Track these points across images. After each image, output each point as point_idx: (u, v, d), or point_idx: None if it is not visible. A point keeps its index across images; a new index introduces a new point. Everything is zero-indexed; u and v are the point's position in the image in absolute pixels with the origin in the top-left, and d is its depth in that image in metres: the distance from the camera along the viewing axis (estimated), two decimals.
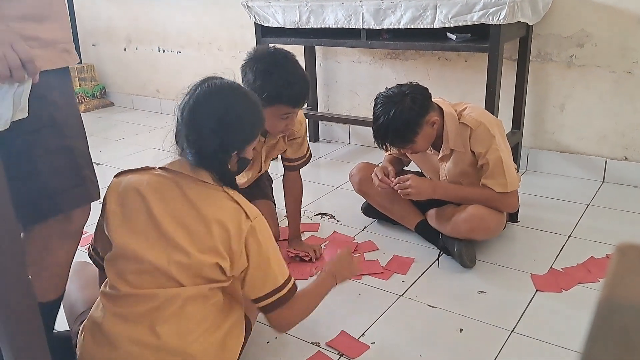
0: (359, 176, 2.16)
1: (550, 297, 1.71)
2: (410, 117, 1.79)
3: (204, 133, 1.19)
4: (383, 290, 1.78)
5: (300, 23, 2.71)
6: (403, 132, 1.80)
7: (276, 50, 1.75)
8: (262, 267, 1.22)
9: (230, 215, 1.19)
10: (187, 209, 1.19)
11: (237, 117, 1.21)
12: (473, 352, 1.48)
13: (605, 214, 2.26)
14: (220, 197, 1.22)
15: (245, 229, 1.19)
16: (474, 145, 1.87)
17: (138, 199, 1.21)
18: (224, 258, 1.18)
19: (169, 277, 1.18)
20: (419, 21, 2.39)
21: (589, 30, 2.46)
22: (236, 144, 1.23)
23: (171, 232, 1.17)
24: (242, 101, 1.24)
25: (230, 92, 1.23)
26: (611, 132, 2.55)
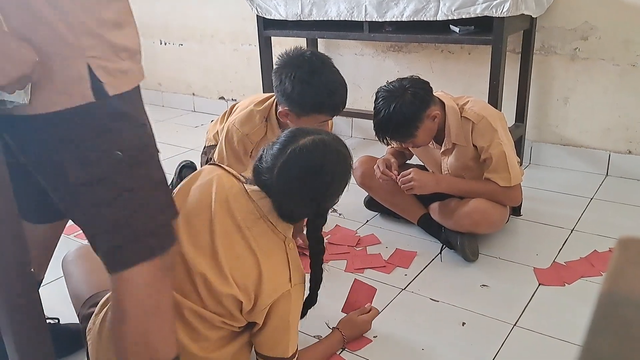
0: (361, 169, 2.15)
1: (553, 290, 1.70)
2: (411, 112, 1.78)
3: (301, 202, 1.19)
4: (385, 283, 1.78)
5: (303, 15, 2.69)
6: (404, 126, 1.79)
7: (313, 54, 1.68)
8: (279, 331, 1.21)
9: (277, 269, 1.18)
10: (243, 242, 1.17)
11: (332, 179, 1.19)
12: (475, 345, 1.48)
13: (608, 208, 2.26)
14: (279, 248, 1.20)
15: (281, 290, 1.17)
16: (476, 139, 1.86)
17: (212, 202, 1.20)
18: (249, 299, 1.17)
19: (194, 289, 1.17)
20: (422, 13, 2.37)
21: (593, 23, 2.45)
22: (332, 202, 1.24)
23: (220, 249, 1.16)
24: (335, 162, 1.19)
25: (325, 153, 1.18)
26: (615, 125, 2.54)
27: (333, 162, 1.18)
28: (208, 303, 1.17)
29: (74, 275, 1.45)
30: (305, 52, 1.69)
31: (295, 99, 1.57)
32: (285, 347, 1.22)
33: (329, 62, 1.69)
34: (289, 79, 1.61)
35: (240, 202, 1.21)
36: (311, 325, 1.56)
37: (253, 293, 1.16)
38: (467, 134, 1.87)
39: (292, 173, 1.16)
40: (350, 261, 1.91)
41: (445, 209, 1.96)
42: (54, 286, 1.76)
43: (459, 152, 1.92)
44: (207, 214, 1.19)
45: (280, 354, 1.23)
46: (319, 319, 1.58)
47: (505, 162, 1.84)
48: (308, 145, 1.16)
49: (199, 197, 1.22)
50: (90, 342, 1.25)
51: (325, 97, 1.62)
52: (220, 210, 1.19)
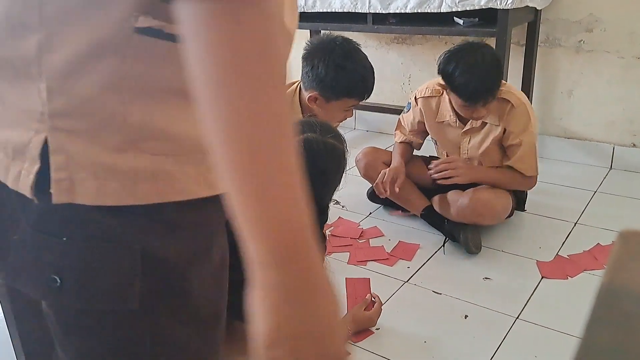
0: (365, 161, 2.15)
1: (555, 284, 1.70)
2: (498, 66, 1.78)
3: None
4: (388, 276, 1.78)
5: (306, 7, 2.68)
6: (496, 80, 1.75)
7: (344, 40, 1.69)
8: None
9: None
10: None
11: (327, 180, 1.19)
12: (478, 338, 1.48)
13: (612, 201, 2.25)
14: None
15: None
16: (510, 122, 1.85)
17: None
18: None
19: None
20: (425, 5, 2.36)
21: (598, 15, 2.43)
22: (329, 198, 1.23)
23: None
24: (326, 158, 1.19)
25: (312, 155, 1.16)
26: (619, 118, 2.53)
27: (324, 159, 1.17)
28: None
29: None
30: (337, 38, 1.71)
31: (329, 83, 1.59)
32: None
33: (359, 49, 1.71)
34: (323, 62, 1.62)
35: None
36: None
37: None
38: (501, 114, 1.86)
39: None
40: (353, 253, 1.91)
41: (447, 201, 1.96)
42: None
43: (485, 132, 1.90)
44: None
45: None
46: None
47: (534, 152, 1.87)
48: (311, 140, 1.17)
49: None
50: None
51: (358, 82, 1.65)
52: None
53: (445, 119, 1.97)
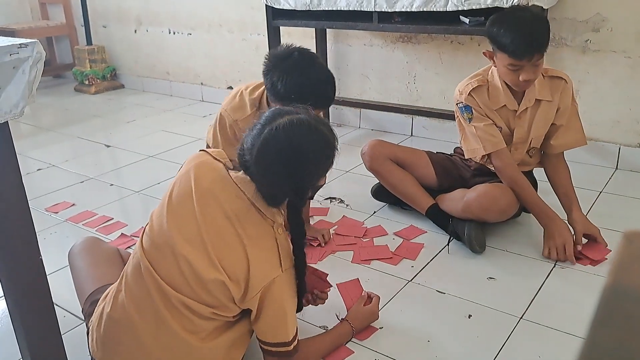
0: (370, 153, 2.13)
1: (560, 284, 1.70)
2: (547, 20, 1.78)
3: (278, 181, 1.16)
4: (392, 275, 1.78)
5: (312, 5, 2.68)
6: (548, 32, 1.73)
7: (300, 54, 1.69)
8: (277, 317, 1.21)
9: (266, 255, 1.18)
10: (231, 229, 1.17)
11: (311, 159, 1.16)
12: (481, 338, 1.48)
13: (618, 201, 2.24)
14: (267, 234, 1.20)
15: (272, 275, 1.17)
16: (563, 98, 1.87)
17: (192, 191, 1.20)
18: (238, 287, 1.17)
19: (184, 279, 1.17)
20: (431, 4, 2.35)
21: (605, 15, 2.42)
22: (312, 183, 1.21)
23: (207, 238, 1.16)
24: (314, 139, 1.16)
25: (301, 132, 1.15)
26: (625, 118, 2.51)
27: (310, 140, 1.16)
28: (198, 292, 1.17)
29: (78, 269, 1.47)
30: (293, 53, 1.69)
31: (289, 99, 1.60)
32: (285, 331, 1.23)
33: (315, 60, 1.71)
34: (281, 81, 1.65)
35: (227, 189, 1.20)
36: (316, 316, 1.57)
37: (243, 281, 1.16)
38: (554, 91, 1.87)
39: (268, 152, 1.14)
40: (356, 252, 1.91)
41: (453, 197, 1.96)
42: (63, 273, 1.78)
43: (540, 110, 1.89)
44: (190, 204, 1.19)
45: (281, 339, 1.23)
46: (325, 309, 1.59)
47: (581, 123, 1.94)
48: (285, 124, 1.14)
49: (181, 186, 1.23)
50: (92, 339, 1.26)
51: (316, 95, 1.64)
52: (205, 199, 1.18)
53: (499, 104, 1.88)
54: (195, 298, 1.17)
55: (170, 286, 1.17)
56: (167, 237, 1.18)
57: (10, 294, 1.13)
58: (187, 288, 1.17)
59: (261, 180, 1.18)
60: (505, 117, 1.91)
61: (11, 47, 0.95)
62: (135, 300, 1.20)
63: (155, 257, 1.20)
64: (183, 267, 1.16)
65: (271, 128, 1.14)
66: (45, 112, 4.04)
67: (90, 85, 4.45)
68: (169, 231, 1.18)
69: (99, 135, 3.40)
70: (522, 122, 1.90)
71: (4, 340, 1.53)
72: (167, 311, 1.17)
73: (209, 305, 1.19)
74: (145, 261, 1.20)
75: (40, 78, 1.03)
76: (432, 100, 3.02)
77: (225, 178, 1.22)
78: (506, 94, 1.86)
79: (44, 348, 1.18)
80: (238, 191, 1.20)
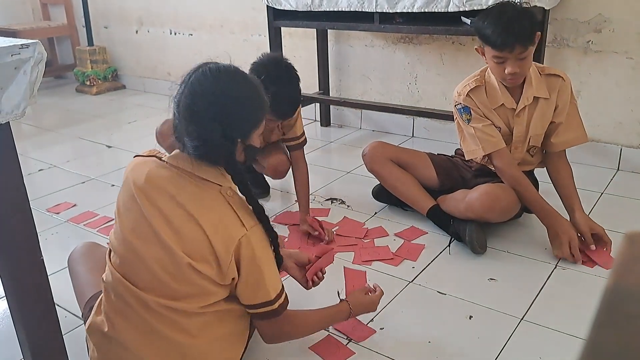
0: (371, 154, 2.14)
1: (561, 285, 1.70)
2: (534, 16, 1.80)
3: (204, 122, 1.12)
4: (393, 276, 1.78)
5: (313, 6, 2.68)
6: (532, 26, 1.74)
7: (277, 64, 1.88)
8: (254, 277, 1.18)
9: (222, 220, 1.14)
10: (179, 210, 1.14)
11: (238, 101, 1.14)
12: (482, 339, 1.48)
13: (619, 203, 2.24)
14: (216, 200, 1.16)
15: (237, 237, 1.14)
16: (562, 96, 1.87)
17: (133, 192, 1.18)
18: (209, 265, 1.14)
19: (159, 281, 1.15)
20: (433, 5, 2.35)
21: (607, 15, 2.42)
22: (240, 130, 1.16)
23: (160, 230, 1.14)
24: (242, 84, 1.17)
25: (228, 76, 1.16)
26: (627, 119, 2.51)
27: (237, 81, 1.16)
28: (176, 287, 1.15)
29: (77, 274, 1.47)
30: (272, 62, 1.91)
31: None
32: (265, 290, 1.19)
33: (288, 75, 1.88)
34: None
35: (163, 176, 1.18)
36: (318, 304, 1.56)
37: (210, 255, 1.13)
38: (552, 89, 1.87)
39: (193, 99, 1.13)
40: (357, 253, 1.91)
41: (455, 197, 1.96)
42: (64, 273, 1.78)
43: (538, 108, 1.89)
44: (135, 206, 1.17)
45: (262, 299, 1.20)
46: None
47: (580, 120, 1.93)
48: (211, 67, 1.15)
49: (124, 195, 1.22)
50: (90, 348, 1.26)
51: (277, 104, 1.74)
52: (145, 194, 1.16)
53: (498, 103, 1.89)
54: (175, 297, 1.15)
55: (147, 292, 1.15)
56: (128, 245, 1.17)
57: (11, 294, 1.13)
58: (165, 288, 1.15)
59: (192, 135, 1.13)
60: (504, 116, 1.91)
61: (13, 48, 0.95)
62: (119, 314, 1.19)
63: (125, 268, 1.19)
64: (153, 268, 1.14)
65: (192, 77, 1.15)
66: (47, 113, 4.04)
67: (91, 86, 4.46)
68: (127, 239, 1.17)
69: (100, 135, 3.40)
70: (521, 121, 1.90)
71: (6, 340, 1.53)
72: (151, 317, 1.16)
73: (193, 297, 1.16)
74: (116, 274, 1.19)
75: (42, 79, 1.03)
76: (434, 101, 3.02)
77: (159, 166, 1.20)
78: (504, 92, 1.87)
79: (45, 348, 1.19)
80: (175, 171, 1.18)
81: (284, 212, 2.25)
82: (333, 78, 3.34)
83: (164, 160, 1.23)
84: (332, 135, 3.24)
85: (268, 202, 2.38)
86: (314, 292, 1.48)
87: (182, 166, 1.18)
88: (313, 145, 2.97)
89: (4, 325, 1.63)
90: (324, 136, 3.25)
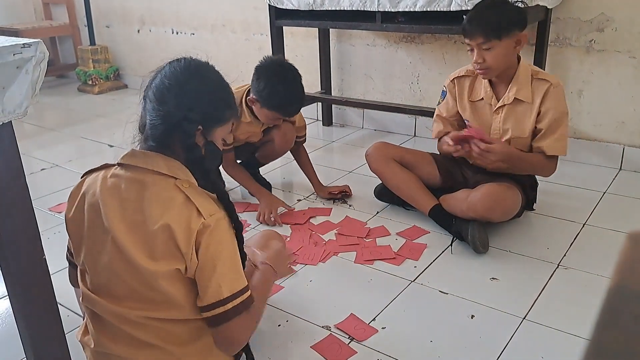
0: (374, 154, 2.15)
1: (563, 284, 1.69)
2: (510, 14, 1.80)
3: (169, 99, 1.11)
4: (395, 275, 1.78)
5: (315, 5, 2.68)
6: (499, 20, 1.77)
7: (286, 66, 2.07)
8: (205, 272, 1.09)
9: (177, 212, 1.08)
10: (136, 211, 1.09)
11: (206, 89, 1.15)
12: (484, 338, 1.48)
13: (621, 202, 2.23)
14: (170, 191, 1.10)
15: (195, 228, 1.07)
16: (547, 101, 1.85)
17: (94, 207, 1.13)
18: (178, 264, 1.08)
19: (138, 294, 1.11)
20: (435, 4, 2.35)
21: (610, 14, 2.41)
22: (203, 117, 1.14)
23: (122, 239, 1.08)
24: (214, 78, 1.18)
25: (203, 67, 1.18)
26: (630, 118, 2.51)
27: (207, 73, 1.18)
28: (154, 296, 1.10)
29: None
30: (280, 63, 2.11)
31: (265, 97, 2.04)
32: (217, 288, 1.09)
33: (295, 76, 2.05)
34: (264, 80, 2.04)
35: (116, 182, 1.13)
36: (319, 317, 1.56)
37: (177, 253, 1.08)
38: (537, 94, 1.86)
39: (164, 80, 1.13)
40: (359, 253, 1.91)
41: (457, 197, 1.96)
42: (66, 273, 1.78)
43: (517, 110, 1.89)
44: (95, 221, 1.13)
45: (213, 299, 1.09)
46: (328, 309, 1.59)
47: (564, 131, 1.88)
48: (185, 59, 1.18)
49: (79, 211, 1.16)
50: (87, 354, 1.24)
51: (284, 104, 2.07)
52: (102, 207, 1.11)
53: (479, 96, 1.95)
54: (156, 306, 1.11)
55: (128, 304, 1.11)
56: (97, 263, 1.13)
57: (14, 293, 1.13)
58: (143, 298, 1.11)
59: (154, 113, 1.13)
60: (482, 110, 1.96)
61: (14, 47, 0.95)
62: (106, 335, 1.16)
63: (100, 287, 1.14)
64: (127, 281, 1.10)
65: (173, 61, 1.17)
66: (49, 112, 4.05)
67: (93, 85, 4.46)
68: (95, 257, 1.13)
69: (103, 135, 3.40)
70: (498, 118, 1.93)
71: (8, 339, 1.53)
72: (137, 331, 1.12)
73: (171, 305, 1.11)
74: (92, 296, 1.15)
75: (44, 78, 1.03)
76: (436, 101, 2.99)
77: (110, 175, 1.15)
78: (487, 88, 1.92)
79: (48, 347, 1.19)
80: (126, 174, 1.13)
81: (286, 211, 2.25)
82: (335, 77, 3.34)
83: (116, 163, 1.17)
84: (334, 135, 3.23)
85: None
86: (318, 302, 1.48)
87: (134, 163, 1.13)
88: (315, 144, 2.97)
89: (6, 324, 1.63)
90: (325, 136, 3.25)
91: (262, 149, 2.37)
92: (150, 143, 1.15)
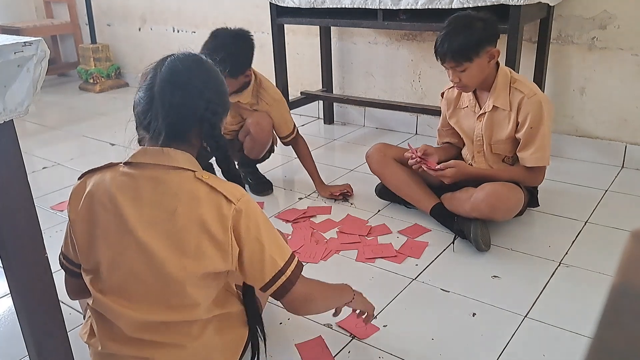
0: (375, 156, 2.15)
1: (565, 282, 1.69)
2: (478, 34, 1.80)
3: (184, 95, 1.09)
4: (396, 273, 1.78)
5: (316, 3, 2.68)
6: (467, 44, 1.78)
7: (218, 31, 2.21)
8: (256, 253, 1.10)
9: (205, 203, 1.07)
10: (158, 209, 1.07)
11: (214, 77, 1.16)
12: (486, 336, 1.48)
13: (623, 200, 2.23)
14: (192, 184, 1.08)
15: (228, 214, 1.06)
16: (522, 112, 1.86)
17: (106, 207, 1.09)
18: (208, 257, 1.07)
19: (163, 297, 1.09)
20: (437, 1, 2.35)
21: (612, 12, 2.40)
22: (223, 106, 1.15)
23: (147, 239, 1.06)
24: (212, 66, 1.20)
25: (201, 59, 1.18)
26: (632, 116, 2.50)
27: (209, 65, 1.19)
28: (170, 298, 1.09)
29: None
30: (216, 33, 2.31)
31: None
32: (272, 262, 1.12)
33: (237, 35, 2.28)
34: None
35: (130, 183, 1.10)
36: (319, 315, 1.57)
37: (210, 244, 1.07)
38: (513, 103, 1.88)
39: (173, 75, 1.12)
40: (361, 251, 1.91)
41: (459, 196, 1.96)
42: None
43: (497, 117, 1.92)
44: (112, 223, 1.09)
45: (272, 272, 1.12)
46: None
47: (542, 141, 1.87)
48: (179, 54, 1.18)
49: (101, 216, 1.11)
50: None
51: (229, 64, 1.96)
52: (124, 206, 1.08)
53: (464, 105, 2.02)
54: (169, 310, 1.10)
55: (137, 309, 1.09)
56: (122, 263, 1.09)
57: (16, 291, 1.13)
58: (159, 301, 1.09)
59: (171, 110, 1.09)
60: (469, 117, 2.01)
61: (16, 46, 0.95)
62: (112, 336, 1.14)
63: (114, 290, 1.11)
64: (149, 283, 1.08)
65: (171, 57, 1.16)
66: (50, 111, 4.05)
67: (94, 84, 4.46)
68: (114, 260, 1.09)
69: (104, 133, 3.40)
70: (480, 124, 1.97)
71: (11, 338, 1.54)
72: (146, 334, 1.11)
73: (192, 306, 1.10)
74: (103, 300, 1.11)
75: (45, 76, 1.03)
76: (437, 99, 2.98)
77: (120, 174, 1.11)
78: (470, 97, 1.98)
79: (50, 345, 1.19)
80: (139, 172, 1.10)
81: (288, 209, 2.25)
82: (336, 75, 3.33)
83: (125, 162, 1.13)
84: (336, 133, 3.23)
85: (271, 199, 2.38)
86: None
87: (147, 161, 1.10)
88: (316, 142, 2.97)
89: (9, 322, 1.63)
90: (327, 134, 3.24)
91: (244, 143, 2.33)
92: (163, 139, 1.10)
